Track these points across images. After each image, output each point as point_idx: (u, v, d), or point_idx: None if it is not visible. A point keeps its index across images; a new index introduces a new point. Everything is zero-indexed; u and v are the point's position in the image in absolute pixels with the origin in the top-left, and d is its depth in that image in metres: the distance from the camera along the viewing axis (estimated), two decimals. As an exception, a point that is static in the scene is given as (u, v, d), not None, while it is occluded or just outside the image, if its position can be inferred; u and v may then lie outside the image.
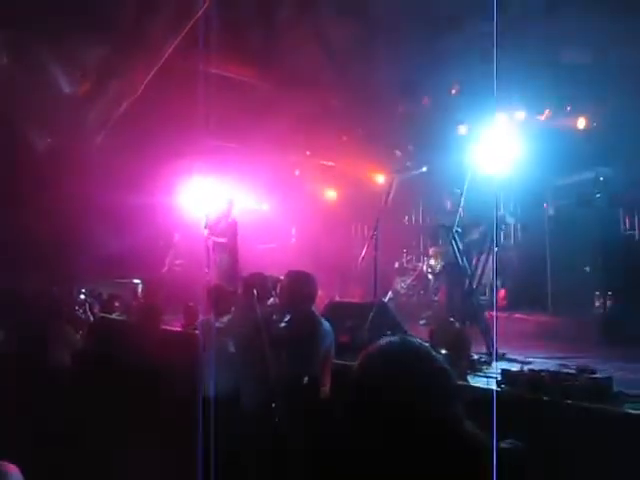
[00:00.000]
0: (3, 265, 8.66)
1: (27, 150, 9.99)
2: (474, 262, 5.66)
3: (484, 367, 4.55)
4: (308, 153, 12.70)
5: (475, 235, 6.01)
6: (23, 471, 1.96)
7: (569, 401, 3.06)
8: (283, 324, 4.22)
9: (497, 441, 1.56)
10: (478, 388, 3.64)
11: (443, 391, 1.51)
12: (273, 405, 3.80)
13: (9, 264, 8.74)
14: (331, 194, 14.03)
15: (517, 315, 8.32)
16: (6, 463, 1.97)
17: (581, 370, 3.49)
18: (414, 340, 1.67)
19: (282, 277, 4.68)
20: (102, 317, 8.65)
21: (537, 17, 8.01)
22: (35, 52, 8.30)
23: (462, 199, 5.83)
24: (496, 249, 7.44)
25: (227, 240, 8.96)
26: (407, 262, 11.16)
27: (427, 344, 1.66)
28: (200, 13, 6.72)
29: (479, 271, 5.64)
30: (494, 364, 4.67)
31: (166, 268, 11.09)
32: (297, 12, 9.33)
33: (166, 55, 7.80)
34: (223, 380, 4.00)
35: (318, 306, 5.78)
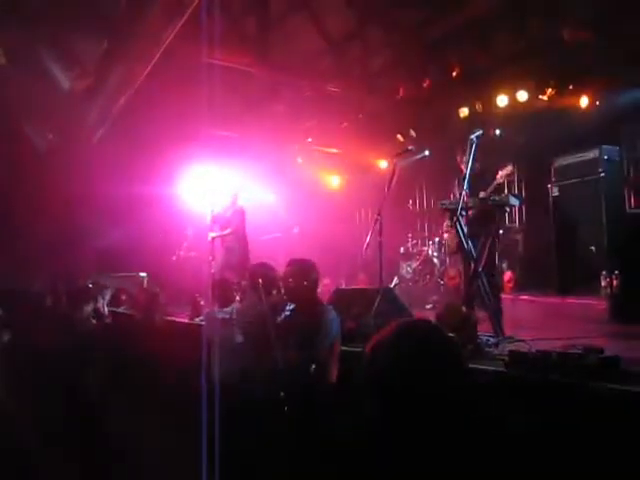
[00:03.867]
0: (7, 263, 8.69)
1: (28, 147, 10.00)
2: (479, 244, 5.61)
3: (492, 349, 4.55)
4: (309, 140, 12.66)
5: (479, 217, 5.95)
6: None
7: (577, 381, 3.06)
8: (288, 313, 4.23)
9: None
10: (486, 370, 3.63)
11: (455, 373, 1.51)
12: (281, 394, 3.80)
13: (13, 262, 8.77)
14: (334, 181, 14.01)
15: (524, 296, 8.32)
16: None
17: (589, 350, 3.48)
18: (426, 322, 1.66)
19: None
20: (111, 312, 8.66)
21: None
22: (33, 49, 8.28)
23: (465, 181, 5.78)
24: (501, 231, 7.42)
25: (235, 229, 8.84)
26: (412, 247, 11.13)
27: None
28: (197, 1, 6.67)
29: (484, 253, 5.59)
30: (501, 346, 4.67)
31: (175, 258, 11.08)
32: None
33: (164, 45, 7.77)
34: (229, 371, 4.00)
35: (324, 294, 5.79)
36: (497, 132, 9.98)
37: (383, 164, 12.18)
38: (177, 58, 8.20)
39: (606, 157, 8.18)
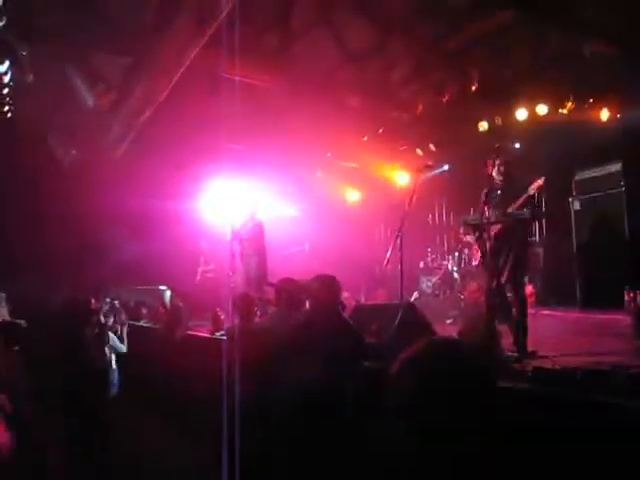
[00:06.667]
0: (31, 275, 8.78)
1: (52, 162, 10.15)
2: (501, 259, 5.55)
3: (515, 365, 4.50)
4: (329, 154, 12.69)
5: (500, 231, 5.90)
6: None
7: (604, 399, 3.02)
8: (312, 327, 4.23)
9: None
10: (510, 388, 3.60)
11: (486, 393, 1.49)
12: (304, 407, 3.80)
13: (36, 273, 8.86)
14: (354, 195, 14.03)
15: (544, 311, 8.24)
16: None
17: (614, 366, 3.44)
18: (455, 340, 1.64)
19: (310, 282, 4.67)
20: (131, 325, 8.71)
21: (557, 8, 7.91)
22: (59, 66, 8.43)
23: (486, 195, 5.74)
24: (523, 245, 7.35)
25: (254, 242, 8.81)
26: (432, 261, 11.10)
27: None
28: (220, 19, 6.75)
29: (507, 268, 5.53)
30: (524, 362, 4.62)
31: (199, 277, 11.18)
32: (313, 13, 9.33)
33: (187, 62, 7.86)
34: (252, 384, 4.01)
35: (345, 309, 5.77)
36: (517, 146, 9.97)
37: (403, 178, 12.19)
38: (199, 73, 8.29)
39: (628, 171, 8.11)
